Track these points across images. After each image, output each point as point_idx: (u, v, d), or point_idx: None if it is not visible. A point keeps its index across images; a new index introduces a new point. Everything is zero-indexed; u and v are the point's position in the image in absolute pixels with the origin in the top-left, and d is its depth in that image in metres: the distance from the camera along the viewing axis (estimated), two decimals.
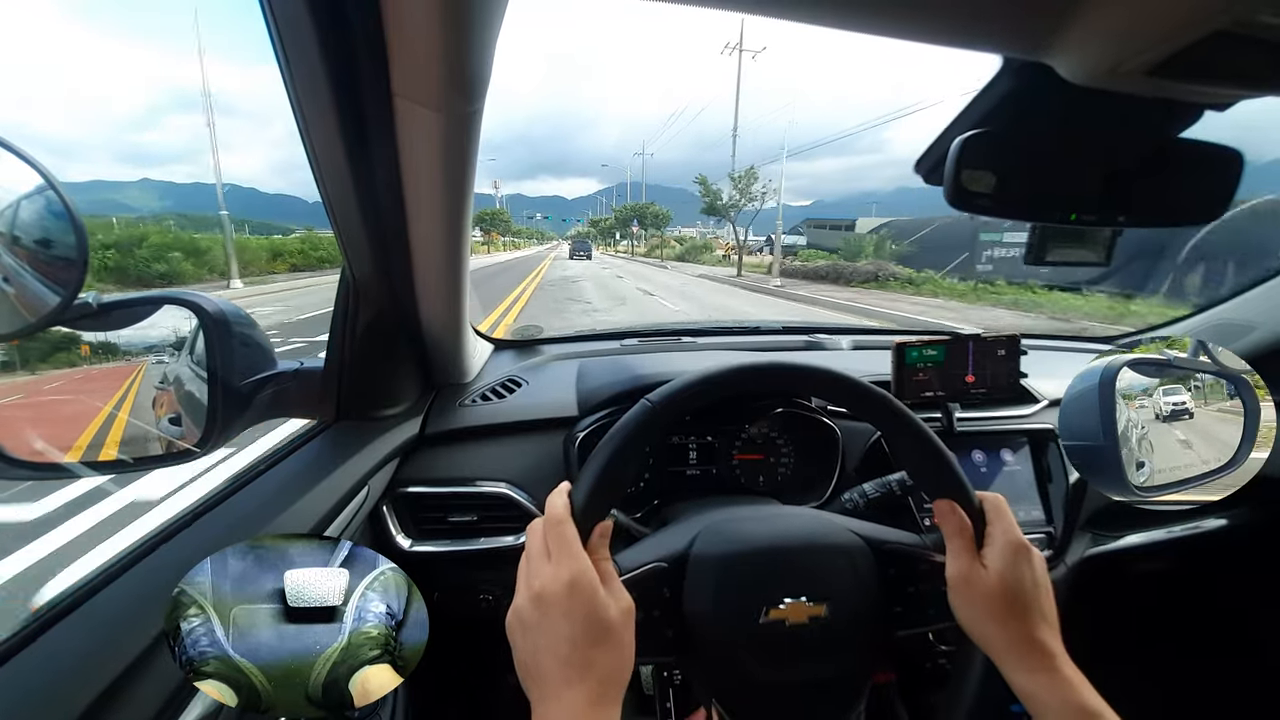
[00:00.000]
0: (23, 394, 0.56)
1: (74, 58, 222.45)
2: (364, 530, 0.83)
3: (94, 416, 0.61)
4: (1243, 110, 0.38)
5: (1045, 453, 1.05)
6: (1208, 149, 0.43)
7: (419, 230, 0.68)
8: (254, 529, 0.59)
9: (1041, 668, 0.44)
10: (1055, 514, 1.02)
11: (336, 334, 0.78)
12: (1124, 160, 0.43)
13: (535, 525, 0.46)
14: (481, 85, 0.52)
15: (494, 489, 0.89)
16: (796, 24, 0.36)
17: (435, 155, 0.58)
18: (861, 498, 0.76)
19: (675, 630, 0.52)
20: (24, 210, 0.45)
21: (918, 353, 0.93)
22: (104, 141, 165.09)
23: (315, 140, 0.57)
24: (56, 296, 0.46)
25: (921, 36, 0.35)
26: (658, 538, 0.58)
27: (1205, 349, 0.94)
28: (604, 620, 0.41)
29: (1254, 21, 0.28)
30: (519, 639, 0.42)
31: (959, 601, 0.49)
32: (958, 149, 0.41)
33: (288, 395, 0.74)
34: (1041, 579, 0.48)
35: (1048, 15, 0.32)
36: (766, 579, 0.52)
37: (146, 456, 0.62)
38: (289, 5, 0.46)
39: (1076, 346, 1.43)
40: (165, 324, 0.63)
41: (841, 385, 0.52)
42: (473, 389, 1.02)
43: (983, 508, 0.51)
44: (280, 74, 0.52)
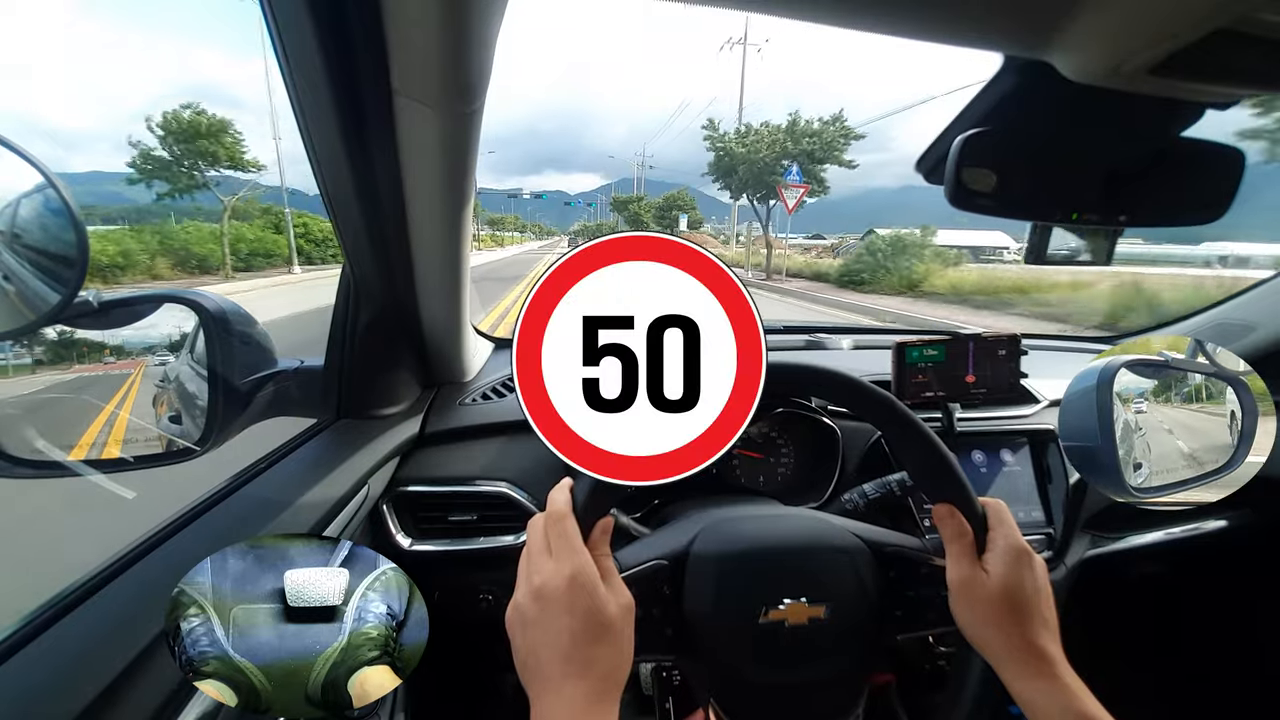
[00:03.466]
0: (24, 392, 0.56)
1: (81, 47, 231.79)
2: (364, 529, 0.83)
3: (96, 415, 0.61)
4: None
5: (1045, 453, 1.05)
6: (1209, 148, 0.43)
7: (419, 228, 0.68)
8: (254, 528, 0.59)
9: (1041, 674, 0.44)
10: (1055, 515, 1.02)
11: (337, 333, 0.78)
12: (1125, 159, 0.43)
13: (536, 520, 0.46)
14: (481, 84, 0.52)
15: (494, 488, 0.89)
16: (799, 22, 0.36)
17: (435, 153, 0.58)
18: (861, 498, 0.76)
19: (674, 629, 0.52)
20: (24, 208, 0.45)
21: (918, 353, 0.93)
22: (107, 132, 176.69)
23: (315, 138, 0.57)
24: (57, 295, 0.46)
25: (923, 35, 0.35)
26: (658, 536, 0.58)
27: (1205, 349, 0.94)
28: (604, 616, 0.41)
29: (1255, 20, 0.28)
30: (519, 634, 0.42)
31: (959, 606, 0.49)
32: (958, 148, 0.41)
33: (288, 394, 0.74)
34: (1042, 585, 0.48)
35: (1049, 14, 0.32)
36: (766, 579, 0.52)
37: (147, 455, 0.62)
38: (289, 4, 0.46)
39: (1076, 346, 1.42)
40: (165, 323, 0.63)
41: (844, 386, 0.52)
42: (473, 388, 1.02)
43: (984, 513, 0.51)
44: (280, 72, 0.52)
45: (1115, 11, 0.30)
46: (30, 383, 0.55)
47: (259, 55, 26.60)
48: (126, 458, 0.60)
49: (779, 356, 0.55)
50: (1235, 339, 1.10)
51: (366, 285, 0.75)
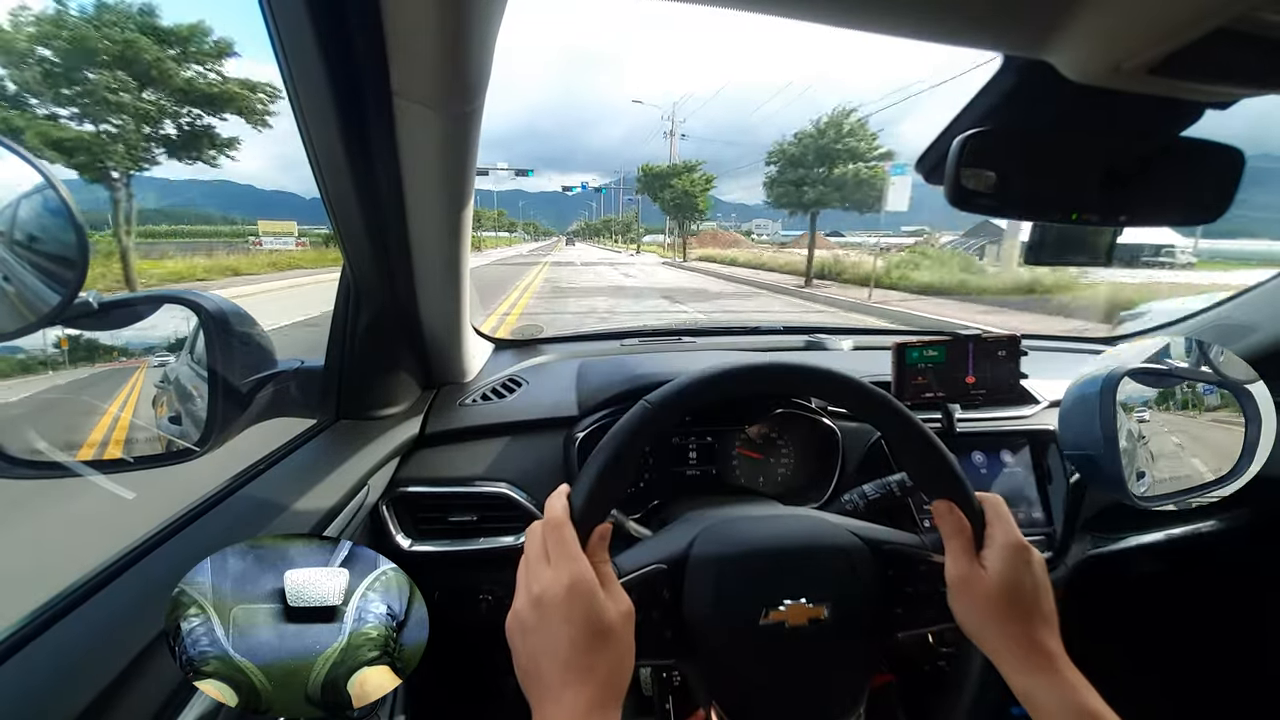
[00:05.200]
0: (25, 393, 0.56)
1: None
2: (364, 530, 0.83)
3: (98, 416, 0.61)
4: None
5: (1045, 454, 1.05)
6: (1209, 148, 0.43)
7: (419, 229, 0.68)
8: (254, 528, 0.59)
9: (1041, 669, 0.44)
10: (1055, 515, 1.01)
11: (336, 333, 0.78)
12: (1125, 159, 0.43)
13: (534, 528, 0.46)
14: (480, 85, 0.52)
15: (494, 489, 0.89)
16: (798, 22, 0.36)
17: (435, 154, 0.58)
18: (861, 498, 0.76)
19: (675, 632, 0.52)
20: (24, 209, 0.45)
21: (918, 353, 0.93)
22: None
23: (315, 139, 0.57)
24: (56, 295, 0.46)
25: (923, 35, 0.35)
26: (657, 539, 0.58)
27: (1205, 350, 0.94)
28: (604, 623, 0.41)
29: (1255, 19, 0.28)
30: (519, 642, 0.42)
31: (959, 603, 0.49)
32: (958, 148, 0.41)
33: (288, 395, 0.74)
34: (1041, 580, 0.48)
35: (1049, 13, 0.32)
36: (766, 580, 0.52)
37: (147, 456, 0.62)
38: (289, 5, 0.46)
39: (1076, 347, 1.42)
40: (165, 323, 0.63)
41: (842, 386, 0.52)
42: (473, 389, 1.02)
43: (982, 509, 0.51)
44: (280, 73, 0.52)
45: (1115, 11, 0.30)
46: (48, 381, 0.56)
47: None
48: (126, 458, 0.60)
49: (779, 357, 0.55)
50: (1236, 340, 1.10)
51: (366, 285, 0.75)
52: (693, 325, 1.46)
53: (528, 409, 0.98)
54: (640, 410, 0.49)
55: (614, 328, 1.46)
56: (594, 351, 1.25)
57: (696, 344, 1.33)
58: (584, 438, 0.90)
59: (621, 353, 1.26)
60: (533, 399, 1.01)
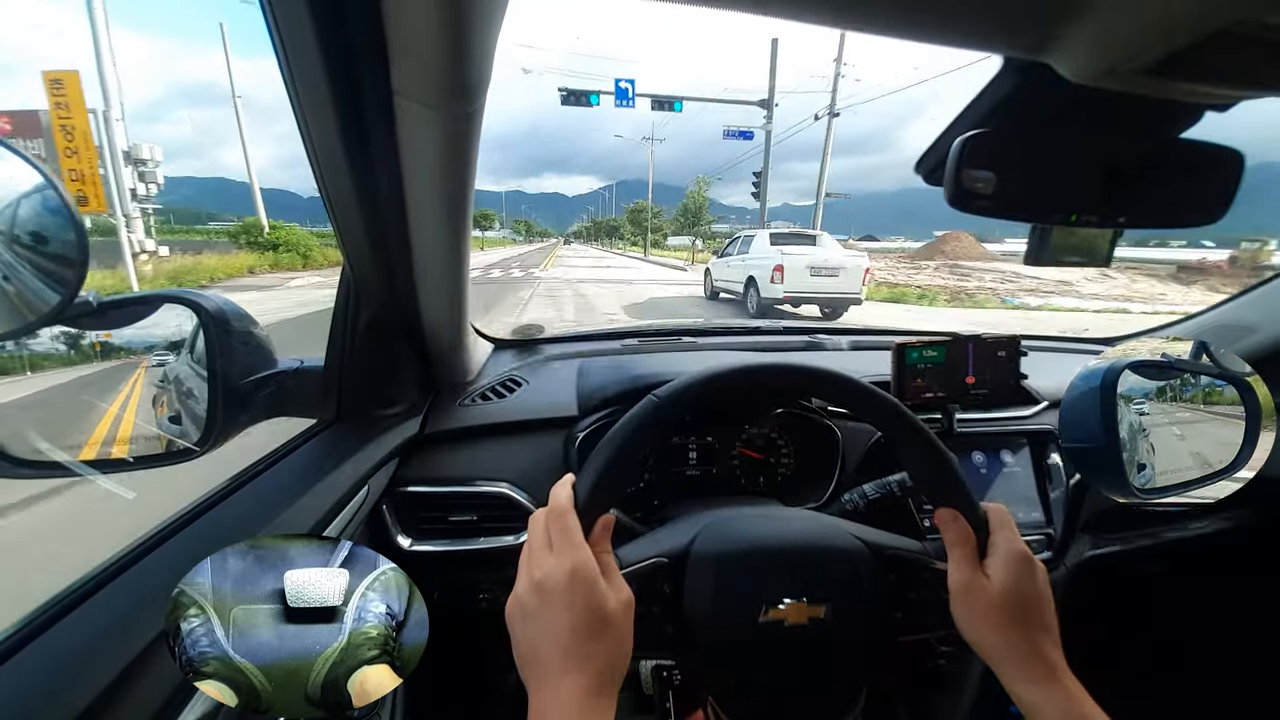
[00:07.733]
0: (26, 393, 0.56)
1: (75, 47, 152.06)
2: (364, 530, 0.83)
3: (99, 416, 0.61)
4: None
5: (1045, 454, 1.05)
6: (1208, 149, 0.43)
7: (419, 229, 0.68)
8: (254, 528, 0.59)
9: (1042, 678, 0.44)
10: (1055, 516, 1.02)
11: (337, 333, 0.78)
12: (1124, 160, 0.43)
13: (538, 516, 0.46)
14: (481, 85, 0.52)
15: (494, 489, 0.89)
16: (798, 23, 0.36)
17: (435, 155, 0.58)
18: (862, 498, 0.76)
19: (674, 627, 0.52)
20: (24, 208, 0.45)
21: (918, 354, 0.93)
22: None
23: (315, 139, 0.57)
24: (56, 295, 0.46)
25: (922, 36, 0.35)
26: (659, 534, 0.58)
27: (1206, 350, 0.94)
28: (604, 611, 0.41)
29: (1254, 21, 0.28)
30: (518, 627, 0.42)
31: (960, 610, 0.49)
32: (958, 149, 0.41)
33: (288, 394, 0.74)
34: (1043, 590, 0.48)
35: (1048, 15, 0.32)
36: (767, 579, 0.52)
37: (147, 455, 0.62)
38: (289, 5, 0.46)
39: (1076, 348, 1.42)
40: (165, 323, 0.63)
41: (846, 387, 0.52)
42: (473, 388, 1.02)
43: (986, 517, 0.51)
44: (280, 73, 0.52)
45: (1114, 13, 0.30)
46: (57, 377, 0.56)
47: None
48: (127, 458, 0.60)
49: (779, 357, 0.55)
50: (1237, 339, 1.10)
51: (366, 285, 0.75)
52: (693, 326, 1.46)
53: (528, 409, 0.98)
54: (646, 405, 0.49)
55: (614, 328, 1.46)
56: (594, 351, 1.25)
57: (697, 344, 1.34)
58: (584, 437, 0.90)
59: (621, 353, 1.26)
60: (533, 399, 1.01)
